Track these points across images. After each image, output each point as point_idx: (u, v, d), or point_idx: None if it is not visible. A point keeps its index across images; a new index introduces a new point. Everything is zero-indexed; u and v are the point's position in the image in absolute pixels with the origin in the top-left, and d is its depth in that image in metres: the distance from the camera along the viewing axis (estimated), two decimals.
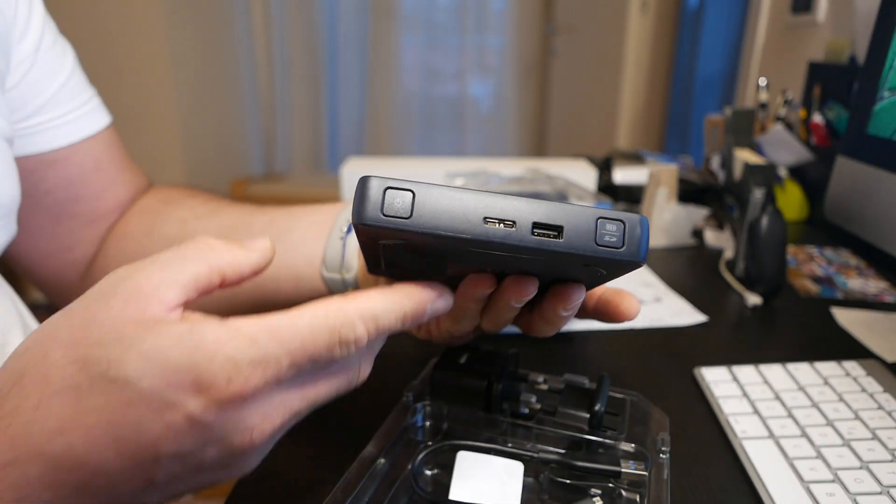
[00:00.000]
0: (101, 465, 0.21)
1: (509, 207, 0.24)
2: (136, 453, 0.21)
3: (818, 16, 1.17)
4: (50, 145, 0.44)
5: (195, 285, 0.24)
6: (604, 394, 0.35)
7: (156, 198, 0.52)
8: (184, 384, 0.21)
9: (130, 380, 0.21)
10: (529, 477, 0.33)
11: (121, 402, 0.21)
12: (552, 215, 0.24)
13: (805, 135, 0.89)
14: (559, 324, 0.34)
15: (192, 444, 0.22)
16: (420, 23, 3.06)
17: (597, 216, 0.24)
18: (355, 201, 0.23)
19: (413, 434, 0.36)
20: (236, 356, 0.21)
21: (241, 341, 0.21)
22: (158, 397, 0.21)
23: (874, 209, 0.55)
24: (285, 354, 0.22)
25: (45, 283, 0.51)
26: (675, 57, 2.44)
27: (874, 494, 0.32)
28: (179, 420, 0.21)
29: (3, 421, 0.21)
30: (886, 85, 0.54)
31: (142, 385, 0.21)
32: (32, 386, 0.22)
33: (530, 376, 0.39)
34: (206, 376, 0.21)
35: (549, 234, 0.24)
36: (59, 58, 0.45)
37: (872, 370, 0.44)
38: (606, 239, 0.24)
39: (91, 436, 0.21)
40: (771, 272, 0.58)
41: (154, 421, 0.21)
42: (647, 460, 0.32)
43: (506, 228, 0.24)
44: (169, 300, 0.23)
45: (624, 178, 0.93)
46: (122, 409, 0.21)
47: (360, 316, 0.23)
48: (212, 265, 0.24)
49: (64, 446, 0.21)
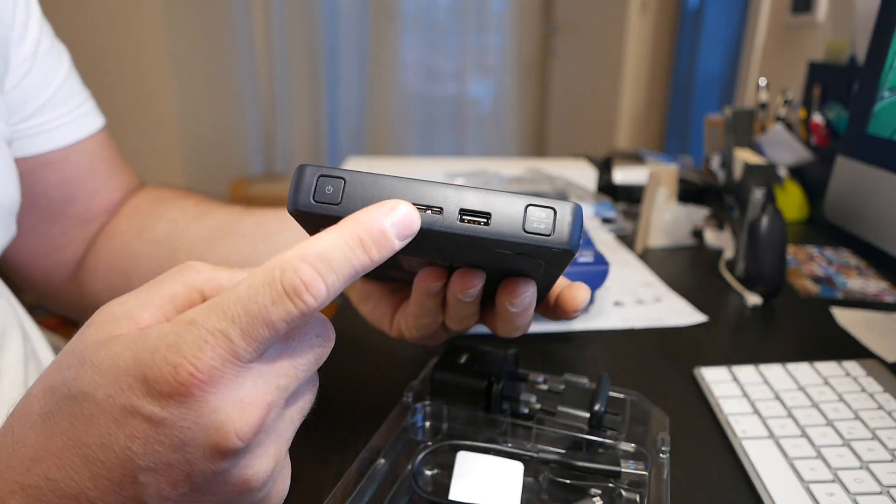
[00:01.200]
0: (79, 491, 0.20)
1: (437, 194, 0.24)
2: (110, 473, 0.20)
3: (818, 16, 1.17)
4: (47, 146, 0.44)
5: (172, 304, 0.23)
6: (604, 394, 0.35)
7: (147, 198, 0.52)
8: (133, 386, 0.20)
9: (87, 393, 0.20)
10: (529, 477, 0.33)
11: (82, 418, 0.20)
12: (480, 202, 0.24)
13: (805, 135, 0.89)
14: (515, 321, 0.32)
15: (165, 451, 0.20)
16: (420, 23, 3.06)
17: (526, 203, 0.24)
18: (290, 189, 0.24)
19: (413, 434, 0.36)
20: (176, 342, 0.19)
21: (180, 327, 0.20)
22: (113, 405, 0.20)
23: (874, 209, 0.55)
24: (230, 324, 0.20)
25: (34, 282, 0.51)
26: (675, 57, 2.44)
27: (874, 494, 0.32)
28: (141, 425, 0.20)
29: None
30: (886, 85, 0.54)
31: (97, 395, 0.20)
32: (15, 421, 0.22)
33: (530, 376, 0.39)
34: (150, 371, 0.19)
35: (476, 221, 0.24)
36: (56, 61, 0.45)
37: (872, 370, 0.44)
38: (535, 226, 0.24)
39: (63, 460, 0.20)
40: (771, 272, 0.58)
41: (116, 432, 0.20)
42: (647, 460, 0.32)
43: (433, 215, 0.24)
44: (143, 321, 0.22)
45: (624, 178, 0.93)
46: (85, 426, 0.20)
47: (302, 257, 0.20)
48: (189, 283, 0.23)
49: (40, 476, 0.21)
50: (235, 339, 0.20)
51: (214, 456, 0.20)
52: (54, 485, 0.20)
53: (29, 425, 0.21)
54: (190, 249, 0.48)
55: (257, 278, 0.20)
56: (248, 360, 0.20)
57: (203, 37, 2.64)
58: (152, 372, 0.19)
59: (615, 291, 0.61)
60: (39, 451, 0.21)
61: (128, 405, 0.20)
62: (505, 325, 0.33)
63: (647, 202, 0.74)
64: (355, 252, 0.21)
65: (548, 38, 3.02)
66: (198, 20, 2.61)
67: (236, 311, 0.20)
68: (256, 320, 0.20)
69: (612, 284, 0.62)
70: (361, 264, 0.21)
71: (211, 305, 0.20)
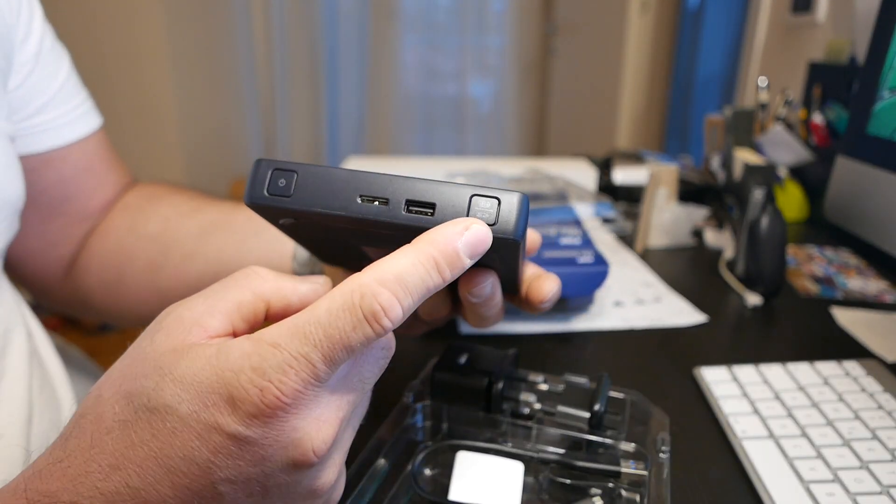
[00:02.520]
0: (160, 499, 0.21)
1: (384, 185, 0.24)
2: (191, 483, 0.21)
3: (818, 16, 1.17)
4: (48, 145, 0.45)
5: (238, 312, 0.23)
6: (604, 393, 0.35)
7: (139, 195, 0.52)
8: (218, 404, 0.20)
9: (170, 406, 0.21)
10: (529, 477, 0.33)
11: (165, 431, 0.21)
12: (425, 193, 0.24)
13: (805, 135, 0.89)
14: (480, 311, 0.33)
15: (246, 465, 0.21)
16: (420, 23, 3.06)
17: (471, 193, 0.24)
18: (247, 182, 0.24)
19: (413, 434, 0.36)
20: (262, 365, 0.20)
21: (264, 349, 0.21)
22: (198, 421, 0.21)
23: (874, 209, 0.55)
24: (312, 349, 0.20)
25: (28, 278, 0.51)
26: (675, 57, 2.44)
27: (874, 494, 0.32)
28: (224, 441, 0.21)
29: (64, 462, 0.22)
30: (886, 85, 0.54)
31: (181, 410, 0.21)
32: (88, 426, 0.22)
33: (530, 376, 0.39)
34: (236, 392, 0.20)
35: (422, 212, 0.24)
36: (58, 60, 0.46)
37: (872, 370, 0.44)
38: (479, 216, 0.24)
39: (144, 470, 0.21)
40: (771, 272, 0.58)
41: (200, 447, 0.21)
42: (647, 460, 0.32)
43: (379, 206, 0.24)
44: (211, 328, 0.22)
45: (624, 178, 0.93)
46: (168, 439, 0.21)
47: (380, 281, 0.21)
48: (255, 291, 0.24)
49: (120, 483, 0.21)
50: (317, 363, 0.21)
51: (291, 470, 0.22)
52: (135, 492, 0.21)
53: (105, 431, 0.21)
54: (182, 245, 0.48)
55: (336, 302, 0.21)
56: (326, 382, 0.21)
57: (203, 37, 2.64)
58: (239, 393, 0.20)
59: (615, 291, 0.61)
60: (120, 459, 0.21)
61: (212, 422, 0.20)
62: (473, 316, 0.33)
63: (647, 202, 0.74)
64: (430, 274, 0.22)
65: (548, 38, 3.02)
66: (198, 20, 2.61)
67: (318, 336, 0.21)
68: (337, 345, 0.21)
69: (612, 284, 0.62)
70: (435, 285, 0.22)
71: (293, 329, 0.21)
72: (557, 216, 0.66)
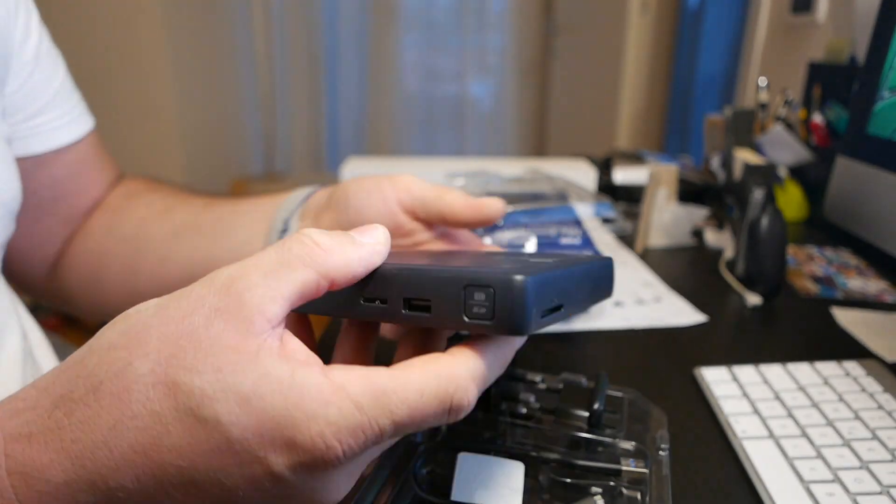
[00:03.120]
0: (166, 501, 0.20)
1: (382, 284, 0.23)
2: (206, 498, 0.20)
3: (818, 16, 1.17)
4: (44, 147, 0.45)
5: (301, 295, 0.21)
6: (602, 392, 0.36)
7: (119, 194, 0.52)
8: (276, 441, 0.19)
9: (221, 424, 0.19)
10: (530, 477, 0.33)
11: (205, 446, 0.19)
12: (420, 287, 0.22)
13: (805, 135, 0.89)
14: None
15: (269, 499, 0.20)
16: (420, 23, 3.06)
17: (464, 283, 0.21)
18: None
19: (412, 435, 0.36)
20: (339, 422, 0.19)
21: (346, 405, 0.19)
22: (246, 449, 0.19)
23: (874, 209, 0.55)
24: (390, 423, 0.20)
25: (14, 277, 0.51)
26: (675, 57, 2.44)
27: (874, 494, 0.32)
28: (263, 476, 0.19)
29: (66, 431, 0.19)
30: (886, 85, 0.54)
31: (232, 432, 0.19)
32: (111, 399, 0.19)
33: (528, 376, 0.39)
34: (302, 438, 0.19)
35: (420, 308, 0.23)
36: (55, 63, 0.46)
37: (872, 370, 0.44)
38: (475, 310, 0.21)
39: (162, 475, 0.19)
40: (771, 272, 0.58)
41: (234, 474, 0.19)
42: (648, 458, 0.32)
43: (381, 306, 0.23)
44: (273, 315, 0.20)
45: (624, 178, 0.93)
46: (205, 455, 0.19)
47: (473, 377, 0.21)
48: (320, 269, 0.21)
49: (130, 478, 0.19)
50: (387, 436, 0.20)
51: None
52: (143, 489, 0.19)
53: (130, 415, 0.19)
54: (156, 248, 0.48)
55: (430, 387, 0.20)
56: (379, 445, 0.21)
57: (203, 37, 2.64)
58: (303, 441, 0.19)
59: (615, 291, 0.61)
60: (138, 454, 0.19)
61: (261, 456, 0.19)
62: None
63: (647, 202, 0.74)
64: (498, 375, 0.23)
65: (548, 38, 3.02)
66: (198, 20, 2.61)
67: (401, 414, 0.20)
68: (412, 425, 0.20)
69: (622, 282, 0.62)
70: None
71: (378, 396, 0.20)
72: (557, 216, 0.66)
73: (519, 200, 0.66)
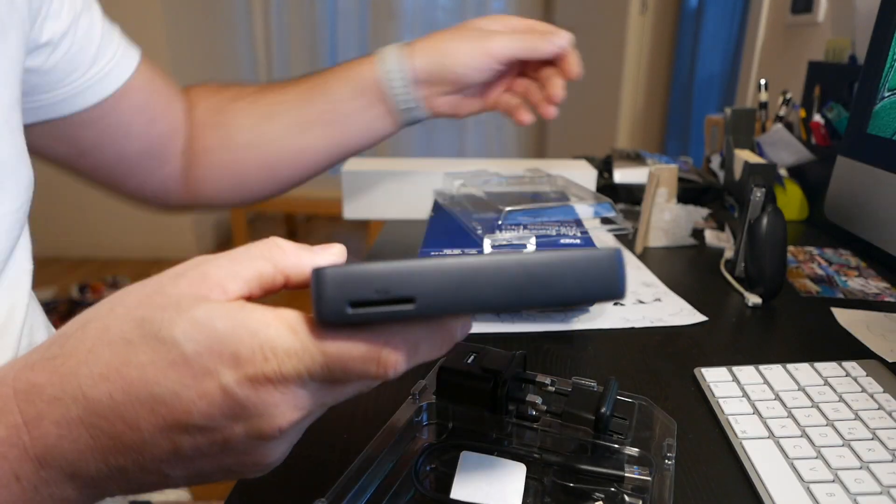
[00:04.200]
0: (134, 421, 0.22)
1: None
2: (168, 415, 0.22)
3: (818, 16, 1.18)
4: (117, 84, 0.50)
5: (258, 281, 0.24)
6: (611, 398, 0.35)
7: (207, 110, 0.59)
8: (223, 355, 0.22)
9: (177, 341, 0.22)
10: (532, 479, 0.33)
11: (164, 361, 0.22)
12: None
13: (805, 135, 0.89)
14: None
15: (220, 416, 0.22)
16: (420, 23, 3.05)
17: None
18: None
19: (418, 432, 0.36)
20: (275, 340, 0.22)
21: (283, 328, 0.22)
22: (198, 362, 0.22)
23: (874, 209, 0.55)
24: (320, 354, 0.22)
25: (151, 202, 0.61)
26: (675, 57, 2.44)
27: (874, 494, 0.32)
28: (213, 389, 0.22)
29: (59, 359, 0.23)
30: (886, 85, 0.54)
31: (186, 347, 0.22)
32: (92, 332, 0.23)
33: (538, 378, 0.39)
34: (244, 351, 0.22)
35: None
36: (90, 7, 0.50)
37: (872, 370, 0.44)
38: None
39: (131, 389, 0.22)
40: (771, 272, 0.58)
41: (190, 387, 0.22)
42: (652, 465, 0.32)
43: None
44: (231, 290, 0.24)
45: (624, 178, 0.93)
46: (164, 369, 0.22)
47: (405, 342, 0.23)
48: (277, 265, 0.25)
49: (104, 393, 0.22)
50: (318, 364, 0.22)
51: (254, 436, 0.23)
52: (115, 406, 0.22)
53: (107, 342, 0.23)
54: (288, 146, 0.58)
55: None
56: (314, 381, 0.23)
57: (203, 37, 2.64)
58: (245, 353, 0.22)
59: None
60: (112, 371, 0.22)
61: (211, 368, 0.22)
62: None
63: (647, 202, 0.74)
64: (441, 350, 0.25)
65: None
66: (198, 20, 2.61)
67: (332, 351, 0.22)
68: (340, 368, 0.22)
69: None
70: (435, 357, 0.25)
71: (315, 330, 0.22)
72: (557, 216, 0.66)
73: (519, 200, 0.66)
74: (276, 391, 0.22)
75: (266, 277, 0.25)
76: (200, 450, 0.23)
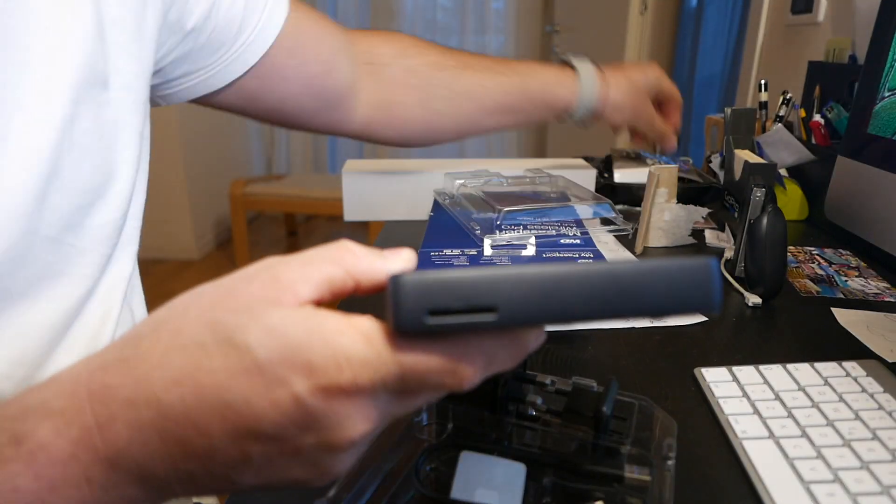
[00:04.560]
0: (205, 427, 0.22)
1: None
2: (239, 423, 0.22)
3: (818, 16, 1.18)
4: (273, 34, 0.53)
5: (329, 286, 0.24)
6: (611, 398, 0.35)
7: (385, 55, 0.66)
8: (296, 363, 0.21)
9: (250, 347, 0.22)
10: (533, 479, 0.33)
11: (237, 368, 0.22)
12: None
13: (805, 135, 0.89)
14: None
15: (291, 426, 0.22)
16: (420, 23, 3.06)
17: None
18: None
19: (417, 432, 0.36)
20: (350, 350, 0.21)
21: (358, 337, 0.22)
22: (271, 371, 0.21)
23: (874, 209, 0.55)
24: (395, 364, 0.22)
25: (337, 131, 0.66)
26: (675, 57, 2.44)
27: (874, 494, 0.32)
28: (286, 398, 0.21)
29: (132, 361, 0.23)
30: (886, 85, 0.54)
31: (259, 354, 0.21)
32: (166, 335, 0.23)
33: (538, 378, 0.39)
34: (318, 360, 0.21)
35: None
36: None
37: (872, 370, 0.44)
38: None
39: (203, 394, 0.22)
40: (771, 272, 0.58)
41: (262, 395, 0.22)
42: (652, 465, 0.32)
43: None
44: (302, 294, 0.23)
45: (624, 178, 0.93)
46: (236, 376, 0.22)
47: (482, 353, 0.23)
48: (348, 270, 0.24)
49: (177, 398, 0.22)
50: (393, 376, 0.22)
51: (324, 447, 0.23)
52: (187, 411, 0.22)
53: (179, 346, 0.23)
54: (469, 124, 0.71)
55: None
56: (388, 391, 0.23)
57: None
58: (319, 362, 0.21)
59: None
60: (184, 377, 0.22)
61: (284, 377, 0.21)
62: None
63: (646, 202, 0.74)
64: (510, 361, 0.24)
65: (548, 37, 3.02)
66: None
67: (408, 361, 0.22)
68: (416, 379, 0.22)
69: None
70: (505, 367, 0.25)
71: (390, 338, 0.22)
72: (557, 216, 0.66)
73: (519, 201, 0.66)
74: (348, 402, 0.22)
75: (336, 282, 0.24)
76: (269, 458, 0.23)
